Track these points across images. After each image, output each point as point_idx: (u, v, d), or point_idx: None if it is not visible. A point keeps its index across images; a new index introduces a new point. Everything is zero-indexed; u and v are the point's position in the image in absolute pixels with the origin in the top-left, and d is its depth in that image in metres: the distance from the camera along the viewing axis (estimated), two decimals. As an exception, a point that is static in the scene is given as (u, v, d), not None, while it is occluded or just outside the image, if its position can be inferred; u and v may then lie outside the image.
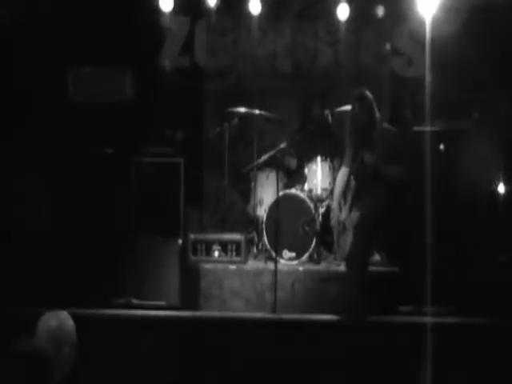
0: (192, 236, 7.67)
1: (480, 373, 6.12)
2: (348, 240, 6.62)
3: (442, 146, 7.38)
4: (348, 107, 7.03)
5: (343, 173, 6.94)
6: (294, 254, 7.79)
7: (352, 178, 6.78)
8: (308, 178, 8.11)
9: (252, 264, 7.77)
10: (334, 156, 8.00)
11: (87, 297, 7.06)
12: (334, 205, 6.92)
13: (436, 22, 8.16)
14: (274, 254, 7.43)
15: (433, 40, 8.30)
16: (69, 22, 8.20)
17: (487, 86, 8.02)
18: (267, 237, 7.79)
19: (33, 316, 3.74)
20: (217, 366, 6.08)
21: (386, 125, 6.79)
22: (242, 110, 8.20)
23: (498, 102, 7.90)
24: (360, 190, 6.64)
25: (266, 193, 8.13)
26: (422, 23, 8.22)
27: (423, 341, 6.11)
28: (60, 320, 3.71)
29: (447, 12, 8.07)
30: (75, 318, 3.78)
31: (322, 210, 8.03)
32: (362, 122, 6.69)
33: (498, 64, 8.13)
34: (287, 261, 7.76)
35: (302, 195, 7.97)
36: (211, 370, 6.02)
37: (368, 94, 6.76)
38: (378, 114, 6.70)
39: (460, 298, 7.07)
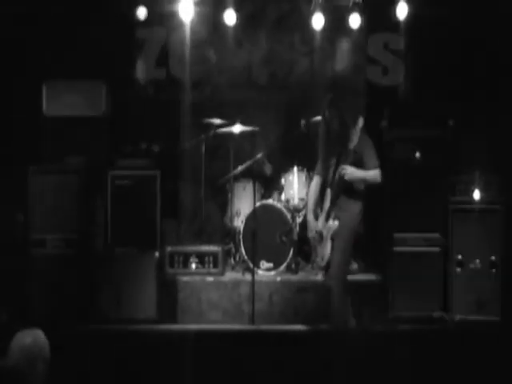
0: (169, 248, 7.67)
1: (461, 376, 6.14)
2: (326, 249, 6.61)
3: (417, 154, 7.41)
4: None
5: (316, 182, 6.88)
6: (271, 265, 7.80)
7: (328, 187, 6.74)
8: (285, 188, 8.14)
9: (229, 275, 7.78)
10: (310, 166, 8.00)
11: (63, 311, 7.03)
12: (309, 217, 6.83)
13: (410, 31, 8.23)
14: (251, 265, 7.43)
15: (408, 49, 8.37)
16: (44, 34, 8.17)
17: (462, 95, 8.06)
18: (244, 248, 7.79)
19: (7, 333, 3.74)
20: (195, 378, 6.05)
21: (364, 135, 6.70)
22: (218, 121, 8.21)
23: (474, 110, 7.96)
24: (337, 200, 6.62)
25: (243, 204, 8.13)
26: (397, 32, 8.30)
27: (402, 348, 6.12)
28: (34, 337, 3.75)
29: (421, 20, 8.13)
30: (50, 334, 3.77)
31: (299, 220, 8.04)
32: (334, 129, 6.65)
33: (472, 71, 8.17)
34: (265, 271, 7.76)
35: (279, 205, 7.98)
36: (189, 382, 5.99)
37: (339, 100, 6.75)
38: (352, 122, 6.62)
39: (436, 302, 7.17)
